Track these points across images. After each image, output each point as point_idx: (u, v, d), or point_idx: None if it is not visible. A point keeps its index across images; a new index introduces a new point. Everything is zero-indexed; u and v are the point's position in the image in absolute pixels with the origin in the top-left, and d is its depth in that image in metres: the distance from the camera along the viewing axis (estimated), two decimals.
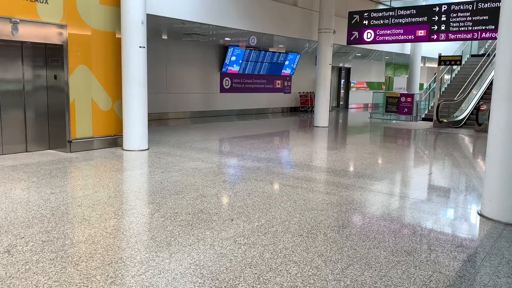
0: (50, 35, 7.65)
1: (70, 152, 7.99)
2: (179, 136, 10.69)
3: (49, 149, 8.23)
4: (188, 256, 3.47)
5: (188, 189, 5.56)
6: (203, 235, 3.94)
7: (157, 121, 13.81)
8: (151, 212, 4.63)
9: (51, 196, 5.10)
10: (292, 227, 4.24)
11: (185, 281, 3.04)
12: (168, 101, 14.75)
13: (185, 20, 11.55)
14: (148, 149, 8.53)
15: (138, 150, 8.38)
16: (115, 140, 8.78)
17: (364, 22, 13.31)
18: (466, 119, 14.95)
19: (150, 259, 3.40)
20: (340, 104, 23.66)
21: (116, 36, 8.60)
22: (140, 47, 8.25)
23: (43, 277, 3.04)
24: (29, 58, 7.90)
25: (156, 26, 12.31)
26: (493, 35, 11.17)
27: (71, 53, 7.92)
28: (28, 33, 7.38)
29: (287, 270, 3.26)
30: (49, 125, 8.20)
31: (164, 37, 14.65)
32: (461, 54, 17.44)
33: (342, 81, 23.53)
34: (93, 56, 8.31)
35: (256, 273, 3.19)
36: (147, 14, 8.50)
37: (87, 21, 8.13)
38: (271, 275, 3.17)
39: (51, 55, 7.98)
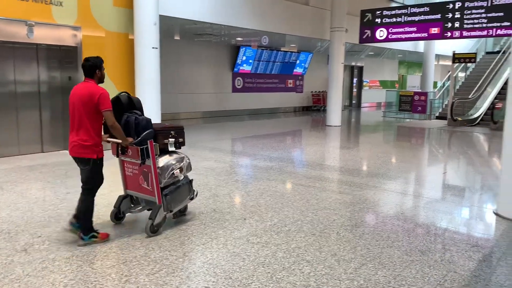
0: (64, 37, 7.76)
1: None
2: (191, 136, 10.74)
3: (64, 149, 8.33)
4: (201, 255, 3.50)
5: (201, 189, 5.59)
6: (216, 234, 3.96)
7: (170, 121, 13.91)
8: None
9: (67, 196, 5.17)
10: (305, 226, 4.23)
11: (199, 280, 3.06)
12: (181, 101, 14.83)
13: (197, 21, 11.61)
14: None
15: None
16: None
17: (377, 20, 13.19)
18: (481, 117, 14.74)
19: (164, 258, 3.43)
20: (353, 103, 23.51)
21: (129, 37, 8.68)
22: (153, 48, 8.32)
23: (60, 276, 3.09)
24: (44, 60, 8.02)
25: (169, 27, 12.40)
26: (509, 32, 10.98)
27: (85, 54, 7.98)
28: (43, 36, 7.49)
29: (300, 269, 3.26)
30: (64, 126, 8.31)
31: (177, 37, 14.74)
32: (475, 52, 17.20)
33: (355, 79, 23.38)
34: (106, 57, 8.37)
35: (269, 272, 3.20)
36: (159, 15, 8.57)
37: (100, 22, 8.22)
38: (284, 274, 3.18)
39: (66, 57, 8.09)
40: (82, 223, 3.69)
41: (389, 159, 8.42)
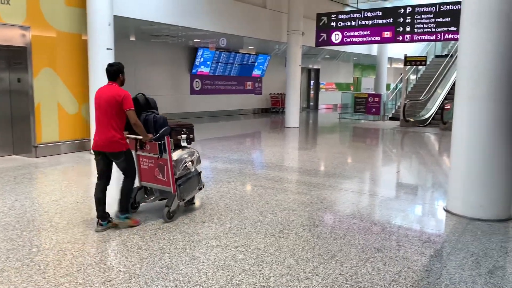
0: (12, 37, 7.41)
1: (36, 157, 7.76)
2: None
3: (13, 154, 7.96)
4: (159, 260, 3.44)
5: None
6: (175, 239, 3.90)
7: None
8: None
9: (16, 202, 4.94)
10: (264, 227, 4.26)
11: (157, 285, 3.00)
12: None
13: (153, 22, 11.43)
14: None
15: None
16: (82, 144, 8.58)
17: (332, 24, 13.51)
18: (432, 118, 15.39)
19: (121, 264, 3.34)
20: (310, 105, 23.90)
21: (83, 38, 8.41)
22: (107, 49, 8.11)
23: (9, 287, 2.94)
24: None
25: (124, 27, 12.13)
26: (455, 36, 11.54)
27: (35, 55, 7.69)
28: None
29: (259, 271, 3.27)
30: (13, 130, 7.94)
31: (132, 38, 14.44)
32: (425, 55, 17.93)
33: (312, 82, 23.78)
34: (58, 58, 8.11)
35: (228, 275, 3.19)
36: (114, 15, 8.36)
37: (51, 22, 7.92)
38: (243, 276, 3.18)
39: (14, 58, 7.73)
40: (122, 204, 4.20)
41: (345, 159, 8.62)
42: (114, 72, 4.12)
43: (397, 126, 14.94)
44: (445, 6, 11.78)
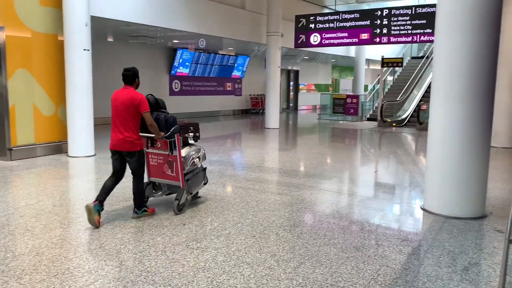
0: None
1: (11, 160, 7.58)
2: None
3: None
4: (139, 263, 3.40)
5: None
6: (154, 241, 3.87)
7: (104, 126, 13.39)
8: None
9: None
10: (245, 228, 4.26)
11: None
12: None
13: (131, 22, 11.31)
14: (95, 155, 8.26)
15: (84, 157, 8.09)
16: (59, 147, 8.43)
17: (311, 25, 13.61)
18: (408, 118, 15.66)
19: (99, 268, 3.29)
20: (290, 106, 24.03)
21: (59, 39, 8.26)
22: (84, 49, 7.98)
23: None
24: None
25: (101, 28, 11.96)
26: (431, 38, 11.79)
27: (9, 56, 7.51)
28: None
29: (240, 272, 3.27)
30: None
31: (110, 39, 14.25)
32: (402, 56, 18.24)
33: (291, 83, 23.92)
34: (34, 59, 7.94)
35: (209, 277, 3.18)
36: (91, 16, 8.23)
37: (26, 23, 7.75)
38: (224, 278, 3.17)
39: None
40: (137, 202, 4.52)
41: (324, 159, 8.70)
42: (131, 76, 4.41)
43: (375, 126, 15.15)
44: (420, 9, 12.02)
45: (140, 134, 4.46)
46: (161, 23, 11.99)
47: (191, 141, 4.94)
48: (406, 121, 15.61)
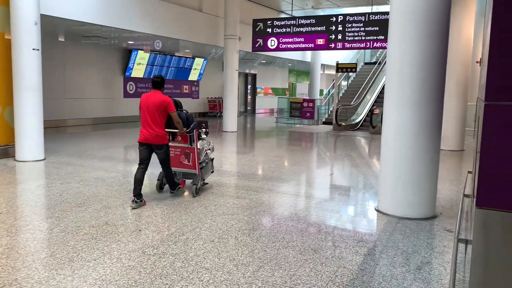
0: None
1: None
2: (79, 145, 10.06)
3: None
4: (93, 271, 3.28)
5: (91, 201, 5.26)
6: (109, 248, 3.74)
7: (55, 128, 12.84)
8: (50, 227, 4.29)
9: None
10: (203, 233, 4.21)
11: None
12: (67, 107, 13.79)
13: (84, 22, 10.95)
14: (44, 159, 7.90)
15: (33, 161, 7.72)
16: (6, 151, 8.00)
17: (268, 30, 13.73)
18: (362, 122, 16.12)
19: (50, 278, 3.14)
20: (248, 109, 24.10)
21: (6, 37, 7.86)
22: (33, 49, 7.64)
23: None
24: None
25: (52, 27, 11.50)
26: (383, 44, 12.20)
27: None
28: None
29: (199, 278, 3.22)
30: None
31: (61, 39, 13.72)
32: (356, 62, 18.76)
33: (249, 86, 24.00)
34: None
35: (167, 284, 3.11)
36: (41, 14, 7.89)
37: None
38: (182, 284, 3.12)
39: None
40: (170, 184, 5.53)
41: (282, 162, 8.77)
42: (160, 82, 5.21)
43: (330, 130, 15.47)
44: (373, 16, 12.42)
45: (166, 129, 5.21)
46: (115, 23, 11.69)
47: (203, 136, 5.87)
48: (359, 124, 16.05)
